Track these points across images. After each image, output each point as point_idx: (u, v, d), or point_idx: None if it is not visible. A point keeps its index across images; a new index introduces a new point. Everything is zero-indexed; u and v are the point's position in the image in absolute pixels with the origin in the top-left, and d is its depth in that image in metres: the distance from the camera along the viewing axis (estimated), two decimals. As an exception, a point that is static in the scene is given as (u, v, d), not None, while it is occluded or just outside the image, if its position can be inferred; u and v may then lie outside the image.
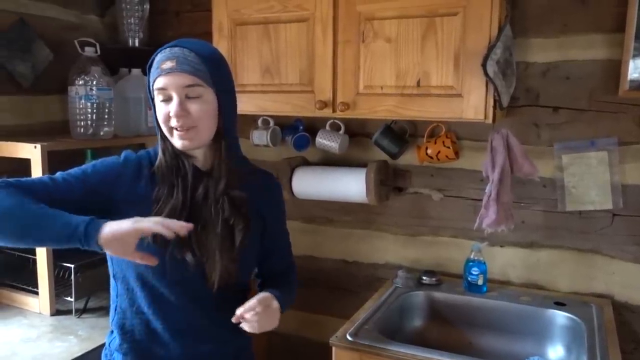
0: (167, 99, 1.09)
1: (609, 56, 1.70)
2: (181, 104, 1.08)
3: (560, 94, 1.78)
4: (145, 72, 2.00)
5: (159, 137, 1.15)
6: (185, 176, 1.14)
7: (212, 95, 1.11)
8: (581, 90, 1.75)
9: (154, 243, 1.08)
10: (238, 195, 1.15)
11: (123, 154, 1.19)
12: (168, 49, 1.10)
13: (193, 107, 1.09)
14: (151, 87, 1.12)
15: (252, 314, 1.09)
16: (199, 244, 1.12)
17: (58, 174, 1.12)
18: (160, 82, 1.09)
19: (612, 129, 1.73)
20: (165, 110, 1.10)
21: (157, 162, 1.15)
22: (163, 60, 1.09)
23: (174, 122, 1.09)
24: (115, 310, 1.20)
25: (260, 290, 1.30)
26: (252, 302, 1.11)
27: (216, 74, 1.11)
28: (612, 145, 1.73)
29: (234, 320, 1.10)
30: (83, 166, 1.15)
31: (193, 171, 1.15)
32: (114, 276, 1.19)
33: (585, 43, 1.72)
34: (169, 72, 1.07)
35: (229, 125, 1.16)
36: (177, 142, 1.11)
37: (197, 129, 1.10)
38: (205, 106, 1.10)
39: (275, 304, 1.15)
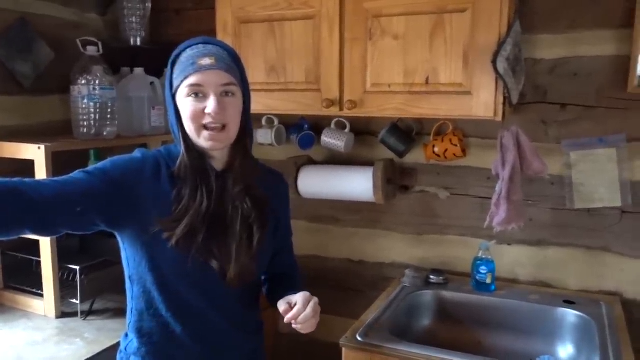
0: (201, 96, 1.07)
1: (618, 52, 1.68)
2: (219, 102, 1.06)
3: (568, 91, 1.76)
4: (148, 71, 2.04)
5: (180, 136, 1.11)
6: (209, 179, 1.12)
7: (241, 95, 1.11)
8: (590, 86, 1.74)
9: (176, 246, 1.07)
10: (260, 194, 1.15)
11: (138, 151, 1.15)
12: (201, 45, 1.08)
13: (228, 105, 1.08)
14: (174, 83, 1.09)
15: (304, 317, 1.09)
16: (220, 247, 1.11)
17: (77, 172, 1.07)
18: (195, 78, 1.06)
19: (621, 126, 1.72)
20: (197, 107, 1.07)
21: (179, 161, 1.12)
22: (199, 56, 1.06)
23: (208, 119, 1.06)
24: (132, 312, 1.17)
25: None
26: (299, 305, 1.10)
27: (243, 74, 1.12)
28: (621, 142, 1.72)
29: (295, 327, 1.11)
30: (100, 163, 1.10)
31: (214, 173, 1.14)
32: (129, 278, 1.16)
33: (594, 39, 1.71)
34: (208, 69, 1.05)
35: (250, 124, 1.17)
36: (205, 142, 1.09)
37: (228, 128, 1.09)
38: (238, 105, 1.09)
39: (316, 299, 1.14)
